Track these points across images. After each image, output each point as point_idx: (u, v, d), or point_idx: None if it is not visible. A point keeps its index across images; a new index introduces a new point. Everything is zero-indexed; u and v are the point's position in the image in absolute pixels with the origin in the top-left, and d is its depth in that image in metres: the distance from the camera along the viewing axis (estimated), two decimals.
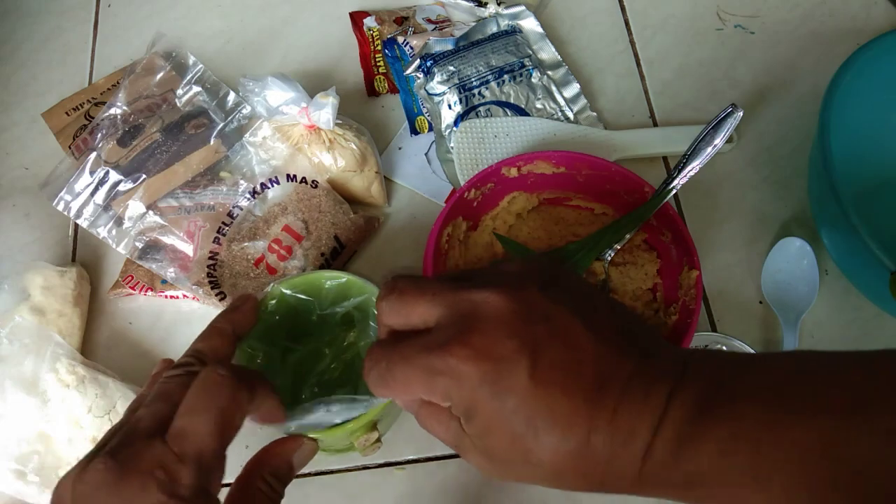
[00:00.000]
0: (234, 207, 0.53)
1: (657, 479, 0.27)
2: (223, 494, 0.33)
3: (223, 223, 0.53)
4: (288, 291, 0.44)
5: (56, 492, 0.31)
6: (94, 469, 0.30)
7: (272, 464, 0.36)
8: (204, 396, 0.32)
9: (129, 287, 0.53)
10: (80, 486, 0.30)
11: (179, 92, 0.55)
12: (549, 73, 0.61)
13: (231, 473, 0.34)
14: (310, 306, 0.45)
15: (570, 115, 0.59)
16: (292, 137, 0.54)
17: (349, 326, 0.47)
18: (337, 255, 0.54)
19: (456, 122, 0.57)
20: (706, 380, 0.28)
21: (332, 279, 0.45)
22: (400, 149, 0.60)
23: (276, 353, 0.45)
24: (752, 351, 0.49)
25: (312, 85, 0.54)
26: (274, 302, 0.44)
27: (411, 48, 0.61)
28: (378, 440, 0.42)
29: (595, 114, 0.60)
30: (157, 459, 0.30)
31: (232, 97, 0.55)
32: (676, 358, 0.29)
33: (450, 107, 0.58)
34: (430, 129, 0.60)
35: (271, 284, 0.44)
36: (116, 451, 0.31)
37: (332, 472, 0.49)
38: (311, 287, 0.45)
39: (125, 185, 0.51)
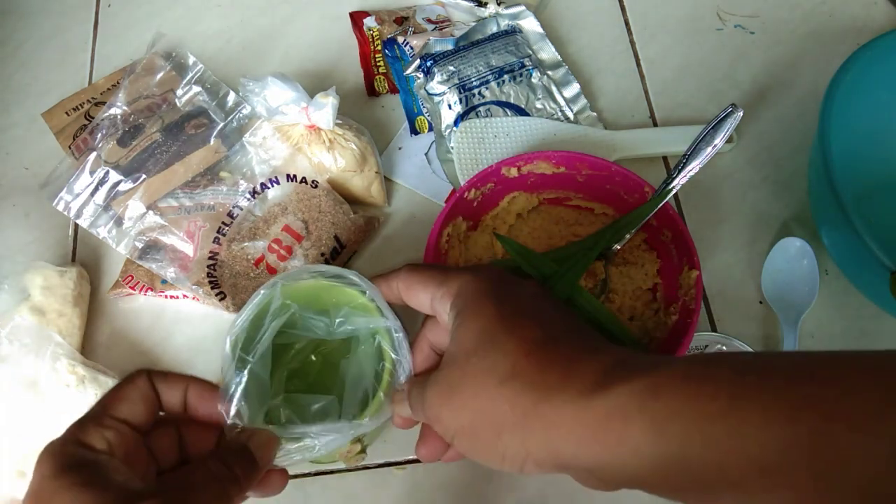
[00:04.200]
0: (234, 207, 0.53)
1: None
2: None
3: (223, 223, 0.53)
4: (295, 306, 0.40)
5: None
6: None
7: (225, 444, 0.34)
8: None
9: (129, 287, 0.53)
10: None
11: (179, 92, 0.55)
12: (549, 73, 0.61)
13: None
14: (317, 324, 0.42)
15: (570, 115, 0.59)
16: (292, 137, 0.54)
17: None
18: (337, 255, 0.54)
19: (456, 122, 0.57)
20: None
21: (341, 303, 0.41)
22: (400, 149, 0.60)
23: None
24: (750, 350, 0.49)
25: (312, 85, 0.54)
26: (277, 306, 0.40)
27: (411, 48, 0.61)
28: (362, 451, 0.42)
29: (595, 114, 0.60)
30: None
31: (232, 97, 0.55)
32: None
33: (450, 107, 0.58)
34: (430, 129, 0.60)
35: (279, 283, 0.41)
36: None
37: (332, 472, 0.49)
38: (315, 300, 0.41)
39: (125, 185, 0.51)
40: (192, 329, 0.54)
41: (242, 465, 0.33)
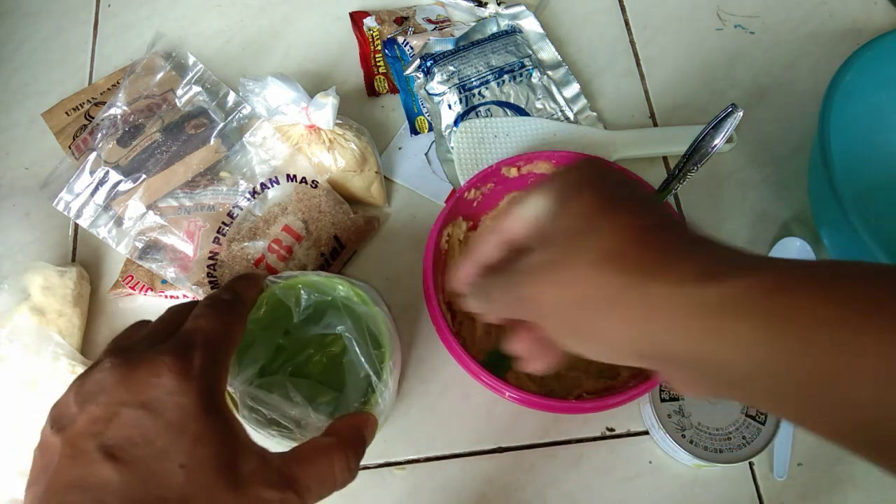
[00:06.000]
0: (234, 207, 0.53)
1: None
2: None
3: (223, 223, 0.53)
4: (278, 292, 0.43)
5: (59, 401, 0.31)
6: (101, 367, 0.31)
7: (348, 439, 0.35)
8: (210, 306, 0.35)
9: (129, 287, 0.53)
10: (87, 385, 0.30)
11: (179, 92, 0.55)
12: (549, 73, 0.61)
13: None
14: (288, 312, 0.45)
15: (570, 115, 0.59)
16: (292, 137, 0.54)
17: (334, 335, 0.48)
18: (337, 255, 0.54)
19: (456, 122, 0.57)
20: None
21: (310, 290, 0.44)
22: (400, 149, 0.60)
23: (271, 342, 0.46)
24: None
25: (312, 85, 0.54)
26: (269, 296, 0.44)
27: (411, 48, 0.61)
28: None
29: (595, 114, 0.60)
30: (167, 350, 0.31)
31: (232, 97, 0.55)
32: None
33: (450, 107, 0.58)
34: (430, 129, 0.60)
35: (280, 276, 0.44)
36: (124, 351, 0.32)
37: None
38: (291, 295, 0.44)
39: (125, 185, 0.51)
40: None
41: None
